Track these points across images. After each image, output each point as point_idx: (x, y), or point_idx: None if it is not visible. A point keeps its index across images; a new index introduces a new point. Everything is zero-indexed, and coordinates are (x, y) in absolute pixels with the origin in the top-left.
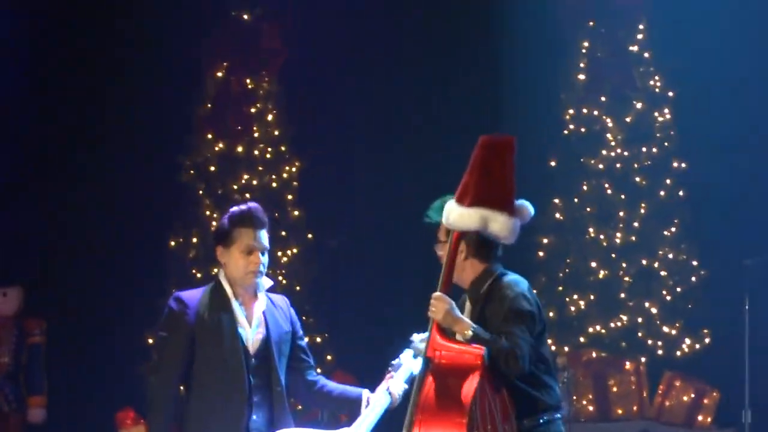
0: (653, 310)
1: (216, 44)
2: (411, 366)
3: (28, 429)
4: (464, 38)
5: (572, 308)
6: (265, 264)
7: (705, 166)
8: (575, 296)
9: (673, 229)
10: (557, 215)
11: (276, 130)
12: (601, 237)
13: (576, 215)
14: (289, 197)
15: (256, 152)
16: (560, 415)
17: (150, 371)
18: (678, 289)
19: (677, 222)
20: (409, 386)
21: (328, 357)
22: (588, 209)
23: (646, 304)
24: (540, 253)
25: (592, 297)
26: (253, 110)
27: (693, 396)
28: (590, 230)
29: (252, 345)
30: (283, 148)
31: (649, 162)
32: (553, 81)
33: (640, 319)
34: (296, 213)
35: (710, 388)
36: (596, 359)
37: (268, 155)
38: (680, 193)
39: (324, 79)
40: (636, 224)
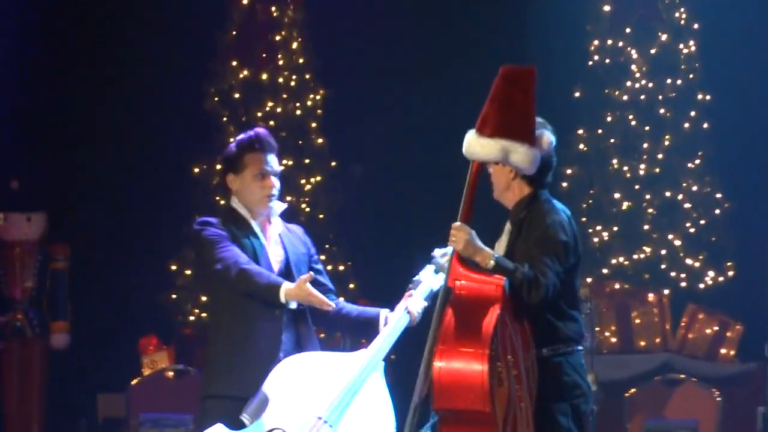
0: (677, 243)
1: None
2: (431, 283)
3: (51, 354)
4: None
5: (595, 239)
6: (278, 188)
7: (730, 99)
8: (598, 227)
9: (698, 161)
10: (581, 146)
11: (300, 58)
12: (625, 168)
13: (600, 146)
14: (313, 125)
15: (281, 80)
16: (581, 348)
17: (222, 273)
18: (702, 222)
19: (701, 154)
20: (430, 303)
21: (351, 285)
22: (612, 140)
23: (670, 237)
24: (563, 184)
25: (615, 228)
26: (278, 38)
27: (716, 329)
28: (614, 162)
29: (274, 265)
30: (308, 76)
31: (674, 94)
32: (580, 12)
33: (664, 251)
34: (320, 141)
35: (733, 321)
36: (619, 291)
37: (293, 83)
38: (704, 126)
39: (348, 7)
40: (660, 156)
